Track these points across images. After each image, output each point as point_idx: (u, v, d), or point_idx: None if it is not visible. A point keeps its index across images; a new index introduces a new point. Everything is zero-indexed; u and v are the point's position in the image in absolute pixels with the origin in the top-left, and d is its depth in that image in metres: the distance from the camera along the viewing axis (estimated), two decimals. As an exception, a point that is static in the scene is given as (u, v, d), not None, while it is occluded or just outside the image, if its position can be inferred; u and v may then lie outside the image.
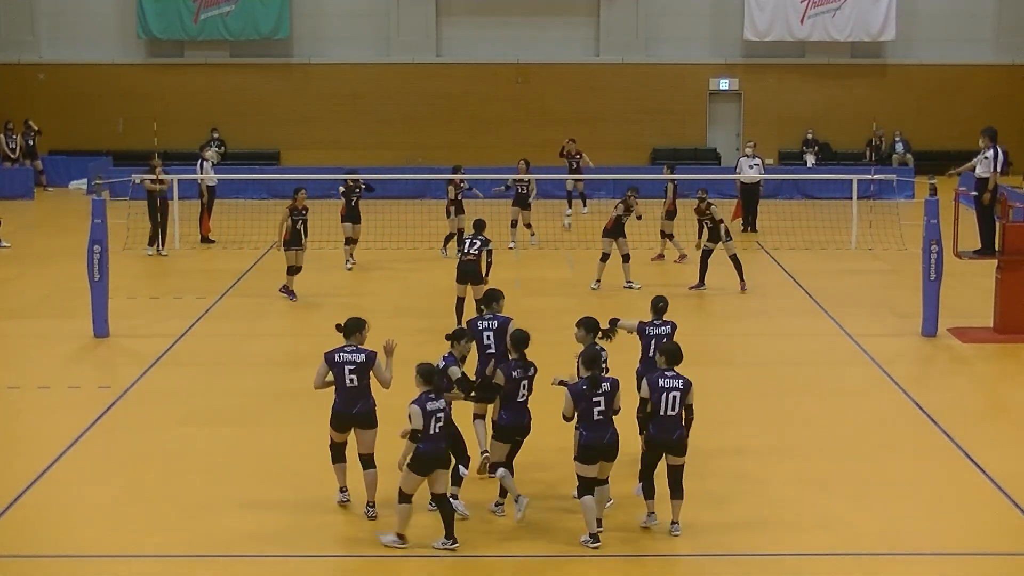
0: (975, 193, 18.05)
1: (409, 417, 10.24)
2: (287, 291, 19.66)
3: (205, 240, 24.89)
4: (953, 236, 18.12)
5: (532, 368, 11.18)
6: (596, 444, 10.36)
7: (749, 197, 27.05)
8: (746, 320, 16.90)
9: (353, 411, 11.00)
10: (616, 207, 20.71)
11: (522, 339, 11.19)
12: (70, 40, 36.73)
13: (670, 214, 23.30)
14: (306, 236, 19.67)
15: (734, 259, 20.25)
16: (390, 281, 21.54)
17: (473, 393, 11.27)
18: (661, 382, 10.60)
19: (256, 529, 10.87)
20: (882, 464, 12.50)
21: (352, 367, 10.94)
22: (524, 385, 11.10)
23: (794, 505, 11.44)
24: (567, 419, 10.53)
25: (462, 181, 23.38)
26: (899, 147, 35.94)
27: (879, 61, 36.93)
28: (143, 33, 36.42)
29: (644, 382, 10.73)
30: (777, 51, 36.75)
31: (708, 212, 20.47)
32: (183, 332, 17.77)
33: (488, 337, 11.99)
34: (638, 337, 12.13)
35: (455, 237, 22.83)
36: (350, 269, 22.12)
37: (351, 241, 22.31)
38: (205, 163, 25.27)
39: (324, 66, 36.75)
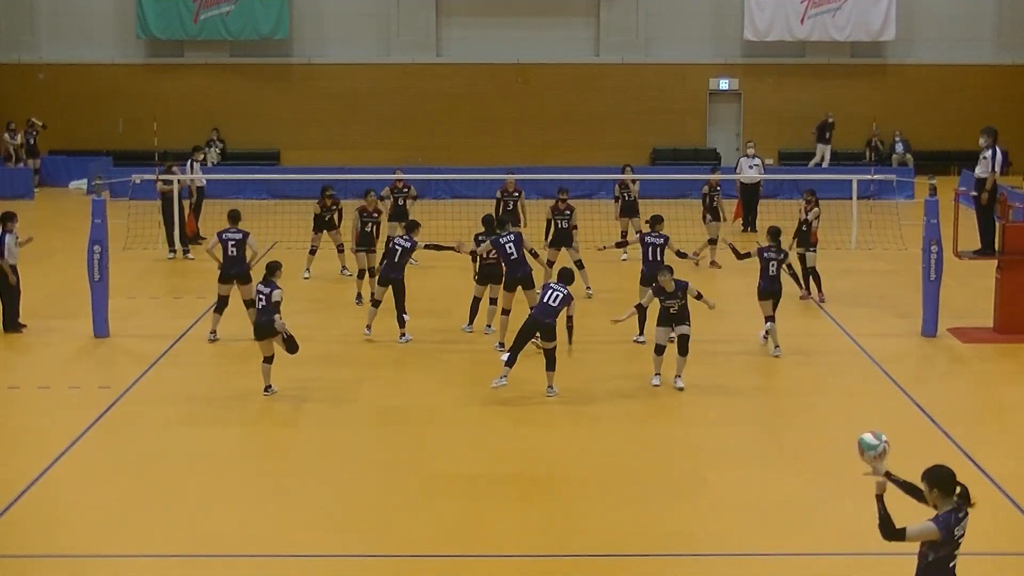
0: (975, 193, 18.05)
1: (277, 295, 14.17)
2: (359, 299, 19.27)
3: (191, 240, 24.55)
4: (953, 236, 18.12)
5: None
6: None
7: (749, 197, 27.07)
8: (745, 320, 16.92)
9: (232, 271, 16.76)
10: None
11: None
12: (70, 40, 36.72)
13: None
14: (377, 238, 19.56)
15: (578, 263, 19.64)
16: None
17: None
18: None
19: (256, 529, 10.87)
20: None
21: (233, 242, 16.80)
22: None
23: (793, 505, 11.44)
24: None
25: (405, 185, 22.79)
26: (899, 147, 35.94)
27: (879, 61, 36.93)
28: (143, 33, 36.41)
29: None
30: (777, 51, 36.74)
31: (566, 212, 19.83)
32: (183, 332, 17.77)
33: (509, 247, 16.31)
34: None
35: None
36: (307, 279, 21.27)
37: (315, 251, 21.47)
38: (195, 164, 25.15)
39: (324, 66, 36.75)
